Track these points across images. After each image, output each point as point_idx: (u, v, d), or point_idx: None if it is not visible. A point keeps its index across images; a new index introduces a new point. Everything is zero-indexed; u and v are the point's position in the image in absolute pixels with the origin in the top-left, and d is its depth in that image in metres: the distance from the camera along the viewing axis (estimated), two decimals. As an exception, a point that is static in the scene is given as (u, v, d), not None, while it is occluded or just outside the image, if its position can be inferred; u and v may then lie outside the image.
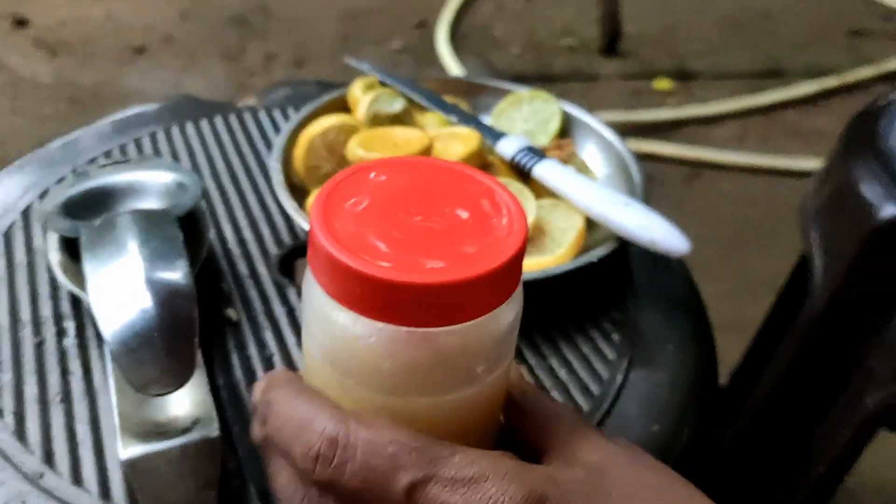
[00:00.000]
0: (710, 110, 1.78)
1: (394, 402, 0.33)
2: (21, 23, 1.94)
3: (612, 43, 1.95)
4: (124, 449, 0.36)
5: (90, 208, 0.45)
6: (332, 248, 0.30)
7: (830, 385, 0.71)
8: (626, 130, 1.67)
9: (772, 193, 1.56)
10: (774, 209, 1.48)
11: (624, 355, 0.47)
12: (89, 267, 0.37)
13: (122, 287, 0.35)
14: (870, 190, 0.67)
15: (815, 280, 0.70)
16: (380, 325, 0.31)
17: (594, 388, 0.45)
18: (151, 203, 0.45)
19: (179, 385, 0.34)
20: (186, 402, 0.39)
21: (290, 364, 0.44)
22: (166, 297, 0.35)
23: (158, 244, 0.37)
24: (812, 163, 1.60)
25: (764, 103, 1.81)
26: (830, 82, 1.85)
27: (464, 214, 0.32)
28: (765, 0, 2.20)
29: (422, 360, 0.31)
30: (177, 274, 0.36)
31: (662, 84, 1.89)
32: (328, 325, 0.32)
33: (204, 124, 0.62)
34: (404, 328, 0.31)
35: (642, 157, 1.60)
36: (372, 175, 0.33)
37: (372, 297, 0.30)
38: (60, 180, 0.54)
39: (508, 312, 0.33)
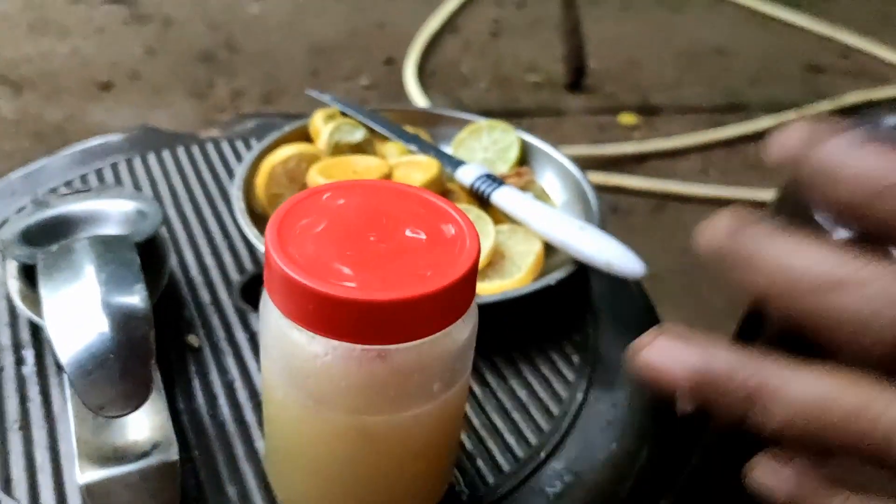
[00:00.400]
0: (673, 144, 1.81)
1: (352, 421, 0.33)
2: (-14, 60, 1.93)
3: (577, 79, 1.98)
4: (82, 473, 0.36)
5: (49, 236, 0.45)
6: (286, 267, 0.30)
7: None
8: (593, 164, 1.69)
9: (734, 224, 1.58)
10: (737, 239, 1.50)
11: (583, 376, 0.48)
12: (45, 291, 0.37)
13: (78, 310, 0.35)
14: (822, 214, 0.69)
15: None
16: (335, 343, 0.31)
17: (554, 409, 0.46)
18: (111, 230, 0.46)
19: (135, 407, 0.34)
20: (145, 426, 0.39)
21: (251, 390, 0.45)
22: (122, 319, 0.35)
23: (115, 268, 0.38)
24: (771, 194, 1.63)
25: (725, 137, 1.84)
26: (789, 117, 1.89)
27: (418, 235, 0.33)
28: (721, 36, 2.25)
29: (377, 377, 0.32)
30: (133, 297, 0.36)
31: (627, 119, 1.92)
32: (285, 344, 0.33)
33: (166, 155, 0.62)
34: (359, 346, 0.31)
35: (609, 190, 1.63)
36: (328, 197, 0.34)
37: (326, 315, 0.30)
38: (20, 210, 0.54)
39: (463, 329, 0.33)
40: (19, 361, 0.45)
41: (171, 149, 0.63)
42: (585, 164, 0.59)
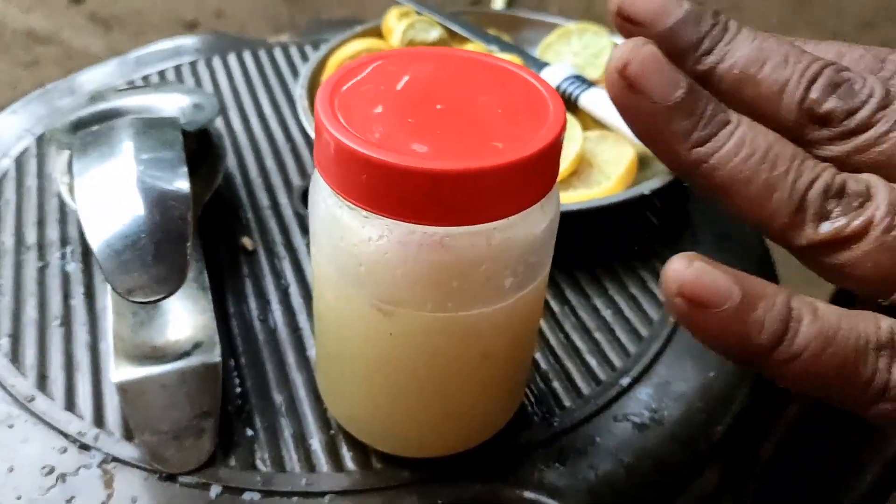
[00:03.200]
0: (774, 90, 1.70)
1: (407, 316, 0.29)
2: (77, -2, 1.95)
3: (672, 20, 1.88)
4: (116, 371, 0.33)
5: (99, 126, 0.42)
6: (337, 133, 0.26)
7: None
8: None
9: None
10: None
11: (676, 298, 0.42)
12: (78, 168, 0.33)
13: (111, 187, 0.32)
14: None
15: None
16: (391, 223, 0.27)
17: (643, 331, 0.40)
18: (163, 120, 0.42)
19: (167, 293, 0.30)
20: (188, 325, 0.35)
21: (307, 296, 0.41)
22: (157, 198, 0.31)
23: (155, 146, 0.34)
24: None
25: (833, 83, 1.72)
26: (905, 62, 1.76)
27: (493, 104, 0.28)
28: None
29: (439, 266, 0.27)
30: (171, 176, 0.33)
31: (725, 64, 1.81)
32: (335, 228, 0.28)
33: (232, 58, 0.58)
34: (419, 227, 0.26)
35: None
36: (390, 63, 0.29)
37: (381, 188, 0.26)
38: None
39: (541, 218, 0.28)
40: (65, 257, 0.42)
41: (238, 52, 0.59)
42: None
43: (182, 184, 0.32)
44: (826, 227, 0.21)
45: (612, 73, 0.22)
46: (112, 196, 0.31)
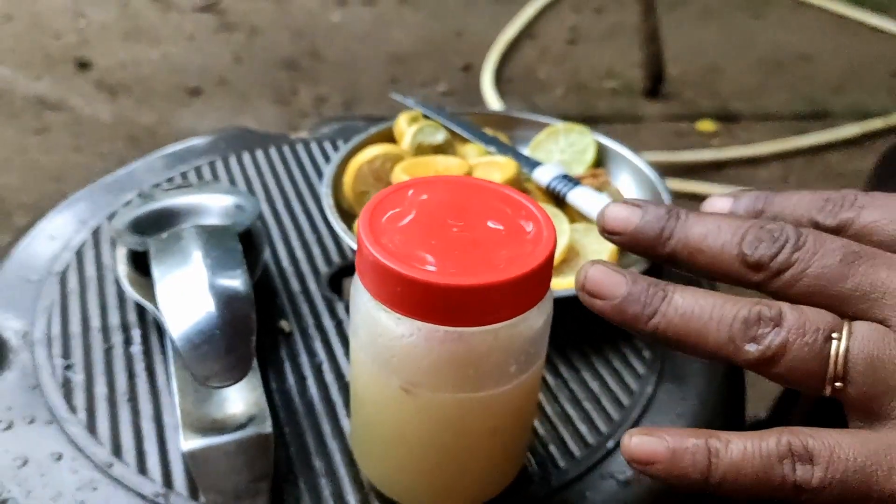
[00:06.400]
0: (752, 152, 1.79)
1: (433, 398, 0.36)
2: (84, 65, 2.04)
3: (655, 85, 1.98)
4: (185, 441, 0.40)
5: (156, 226, 0.49)
6: (378, 254, 0.33)
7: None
8: (670, 171, 1.69)
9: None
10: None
11: (654, 370, 0.49)
12: (157, 274, 0.40)
13: (188, 291, 0.39)
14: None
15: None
16: (419, 324, 0.34)
17: (625, 400, 0.47)
18: (213, 221, 0.49)
19: (238, 379, 0.37)
20: (242, 401, 0.42)
21: (338, 372, 0.48)
22: (227, 300, 0.38)
23: (220, 254, 0.41)
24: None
25: (807, 145, 1.81)
26: (875, 124, 1.85)
27: (498, 227, 0.35)
28: (804, 42, 2.22)
29: (457, 357, 0.34)
30: (236, 280, 0.40)
31: (705, 126, 1.91)
32: (373, 326, 0.35)
33: (259, 154, 0.66)
34: (442, 328, 0.34)
35: (686, 197, 1.62)
36: (413, 191, 0.37)
37: (412, 298, 0.33)
38: (127, 203, 0.59)
39: (538, 316, 0.36)
40: (127, 341, 0.49)
41: (263, 148, 0.67)
42: (663, 170, 0.61)
43: (245, 286, 0.40)
44: (753, 349, 0.28)
45: (578, 290, 0.32)
46: (189, 298, 0.38)
